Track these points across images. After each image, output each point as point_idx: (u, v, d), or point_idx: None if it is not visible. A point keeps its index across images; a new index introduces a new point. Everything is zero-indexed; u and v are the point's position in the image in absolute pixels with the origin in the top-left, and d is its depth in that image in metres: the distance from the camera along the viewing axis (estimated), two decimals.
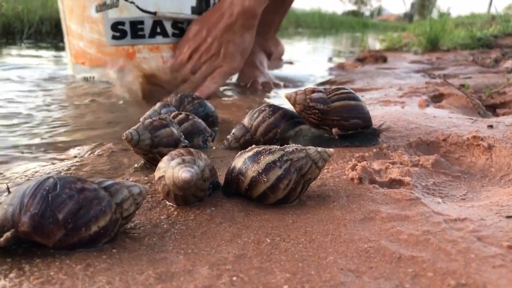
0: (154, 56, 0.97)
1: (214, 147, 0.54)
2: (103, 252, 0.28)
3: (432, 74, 1.06)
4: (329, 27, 7.60)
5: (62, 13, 1.03)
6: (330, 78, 1.26)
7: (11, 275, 0.25)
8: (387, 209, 0.33)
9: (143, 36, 0.96)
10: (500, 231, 0.29)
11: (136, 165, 0.46)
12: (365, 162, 0.43)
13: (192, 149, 0.37)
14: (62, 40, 1.96)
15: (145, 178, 0.42)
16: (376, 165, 0.44)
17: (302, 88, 0.52)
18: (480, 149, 0.49)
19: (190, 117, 0.53)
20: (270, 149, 0.36)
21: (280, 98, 0.91)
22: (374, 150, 0.49)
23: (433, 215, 0.32)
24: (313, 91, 0.51)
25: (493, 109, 0.81)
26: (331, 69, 1.54)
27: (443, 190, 0.41)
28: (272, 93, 0.99)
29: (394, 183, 0.40)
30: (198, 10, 1.01)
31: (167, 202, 0.36)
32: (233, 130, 0.54)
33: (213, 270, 0.26)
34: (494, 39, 2.27)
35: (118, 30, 0.94)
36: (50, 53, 1.59)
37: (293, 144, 0.37)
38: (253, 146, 0.38)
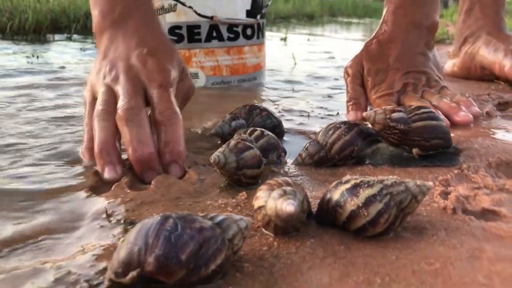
0: (210, 60, 0.98)
1: (287, 162, 0.55)
2: None
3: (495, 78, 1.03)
4: (363, 14, 7.48)
5: None
6: None
7: None
8: (492, 248, 0.33)
9: (199, 40, 0.97)
10: None
11: (221, 185, 0.47)
12: (453, 188, 0.43)
13: (289, 180, 0.37)
14: (90, 37, 2.00)
15: (233, 200, 0.43)
16: (462, 190, 0.43)
17: (382, 108, 0.51)
18: None
19: (265, 133, 0.54)
20: (369, 181, 0.36)
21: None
22: (455, 171, 0.48)
23: None
24: (393, 110, 0.51)
25: None
26: None
27: None
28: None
29: (487, 213, 0.39)
30: (253, 13, 1.01)
31: (264, 230, 0.37)
32: (307, 146, 0.55)
33: None
34: None
35: (175, 34, 0.95)
36: None
37: (393, 178, 0.37)
38: (349, 177, 0.38)
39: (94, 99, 0.54)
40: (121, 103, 0.50)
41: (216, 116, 0.73)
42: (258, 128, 0.55)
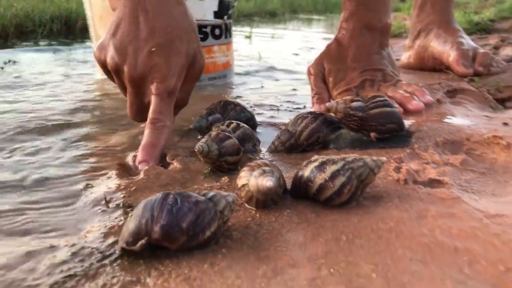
0: None
1: (262, 150, 0.61)
2: (216, 253, 0.35)
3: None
4: (324, 10, 7.62)
5: (91, 20, 1.09)
6: None
7: (153, 273, 0.32)
8: (435, 208, 0.40)
9: None
10: None
11: (205, 172, 0.53)
12: (404, 164, 0.50)
13: (267, 161, 0.44)
14: (72, 38, 2.00)
15: (217, 184, 0.49)
16: (413, 165, 0.50)
17: (342, 99, 0.58)
18: (500, 147, 0.56)
19: (241, 125, 0.60)
20: (333, 159, 0.43)
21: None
22: (408, 150, 0.56)
23: (474, 212, 0.39)
24: (352, 100, 0.58)
25: (502, 102, 0.88)
26: None
27: (473, 186, 0.48)
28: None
29: (434, 182, 0.47)
30: (220, 14, 1.07)
31: (247, 205, 0.43)
32: (279, 135, 0.61)
33: (312, 264, 0.32)
34: (491, 23, 2.33)
35: None
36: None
37: (353, 155, 0.44)
38: (317, 157, 0.44)
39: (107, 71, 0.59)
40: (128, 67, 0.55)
41: (193, 112, 0.78)
42: (234, 121, 0.61)
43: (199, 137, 0.67)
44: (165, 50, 0.56)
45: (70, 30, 2.11)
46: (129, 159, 0.58)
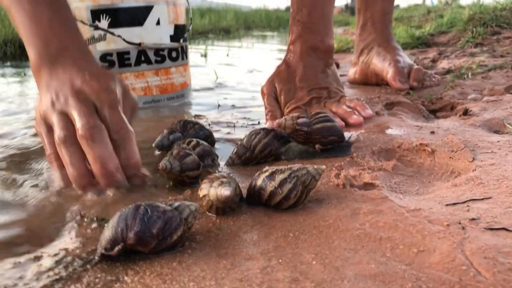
0: (140, 82, 1.09)
1: (220, 165, 0.67)
2: (183, 253, 0.41)
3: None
4: (277, 26, 7.81)
5: None
6: None
7: (130, 273, 0.38)
8: (367, 206, 0.48)
9: (129, 65, 1.07)
10: (442, 215, 0.44)
11: (167, 186, 0.58)
12: (344, 171, 0.58)
13: (224, 174, 0.50)
14: (25, 60, 2.00)
15: (181, 196, 0.55)
16: (351, 172, 0.58)
17: (290, 115, 0.66)
18: (425, 153, 0.65)
19: (200, 143, 0.66)
20: (281, 169, 0.50)
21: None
22: (348, 159, 0.64)
23: (398, 208, 0.47)
24: (299, 117, 0.65)
25: (434, 112, 0.99)
26: None
27: (402, 187, 0.56)
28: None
29: (367, 185, 0.55)
30: (176, 38, 1.13)
31: (208, 213, 0.49)
32: (235, 149, 0.68)
33: (264, 257, 0.39)
34: (431, 37, 2.50)
35: (107, 60, 1.05)
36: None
37: (298, 165, 0.51)
38: (267, 167, 0.51)
39: (49, 129, 0.57)
40: (80, 123, 0.53)
41: (154, 131, 0.83)
42: (193, 139, 0.67)
43: (157, 152, 0.73)
44: (97, 74, 0.59)
45: (24, 53, 2.11)
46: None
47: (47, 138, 0.58)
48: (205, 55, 2.45)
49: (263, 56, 2.59)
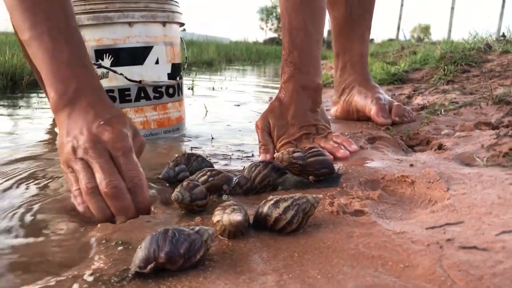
0: (139, 116, 1.16)
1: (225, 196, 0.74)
2: (205, 271, 0.47)
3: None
4: (257, 59, 8.02)
5: None
6: None
7: (162, 286, 0.44)
8: (359, 230, 0.55)
9: (129, 101, 1.14)
10: (423, 237, 0.52)
11: (180, 213, 0.65)
12: (336, 199, 0.66)
13: (235, 202, 0.57)
14: (18, 93, 2.05)
15: (193, 222, 0.61)
16: (343, 200, 0.66)
17: (286, 150, 0.74)
18: (406, 184, 0.73)
19: (210, 179, 0.73)
20: (284, 198, 0.57)
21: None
22: (338, 189, 0.72)
23: (386, 231, 0.54)
24: (294, 151, 0.73)
25: (411, 146, 1.08)
26: None
27: (387, 213, 0.64)
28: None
29: (358, 212, 0.62)
30: (173, 75, 1.21)
31: (221, 237, 0.56)
32: (237, 180, 0.75)
33: (276, 273, 0.46)
34: (406, 73, 2.65)
35: (109, 96, 1.11)
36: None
37: (299, 194, 0.58)
38: (272, 196, 0.59)
39: (72, 170, 0.65)
40: (103, 180, 0.61)
41: (156, 162, 0.90)
42: (215, 169, 0.75)
43: (167, 185, 0.79)
44: (112, 120, 0.66)
45: (15, 85, 2.16)
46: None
47: (72, 177, 0.65)
48: (192, 88, 2.53)
49: (247, 90, 2.70)
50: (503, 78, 1.99)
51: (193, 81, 2.77)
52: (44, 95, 2.01)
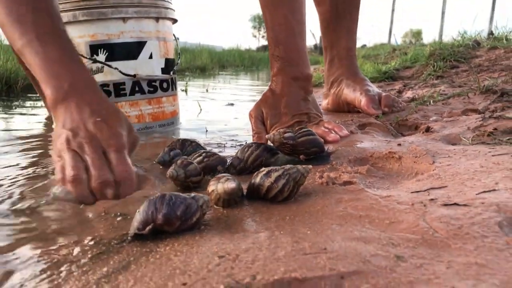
0: (134, 110, 1.18)
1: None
2: (201, 232, 0.50)
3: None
4: (250, 65, 8.06)
5: None
6: None
7: (161, 245, 0.46)
8: (347, 196, 0.58)
9: (124, 95, 1.17)
10: (408, 199, 0.54)
11: (175, 189, 0.67)
12: (326, 173, 0.68)
13: (228, 174, 0.60)
14: (12, 97, 2.07)
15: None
16: (332, 174, 0.68)
17: (277, 131, 0.76)
18: (394, 160, 0.76)
19: (205, 159, 0.75)
20: (276, 168, 0.60)
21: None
22: (328, 166, 0.74)
23: (373, 196, 0.57)
24: (285, 132, 0.76)
25: (400, 132, 1.11)
26: None
27: (375, 185, 0.67)
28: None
29: (347, 183, 0.65)
30: (167, 70, 1.24)
31: (216, 206, 0.58)
32: (230, 161, 0.77)
33: (268, 231, 0.48)
34: (396, 71, 2.69)
35: (104, 90, 1.14)
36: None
37: (289, 165, 0.61)
38: (264, 168, 0.61)
39: (61, 160, 0.64)
40: (95, 175, 0.62)
41: (151, 152, 0.92)
42: (210, 151, 0.77)
43: (161, 167, 0.82)
44: (108, 117, 0.68)
45: (10, 89, 2.18)
46: None
47: (59, 166, 0.64)
48: (185, 90, 2.56)
49: (241, 92, 2.72)
50: (491, 71, 2.03)
51: (186, 83, 2.80)
52: (39, 96, 2.03)
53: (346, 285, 0.36)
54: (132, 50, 1.17)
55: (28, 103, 1.94)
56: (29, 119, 1.53)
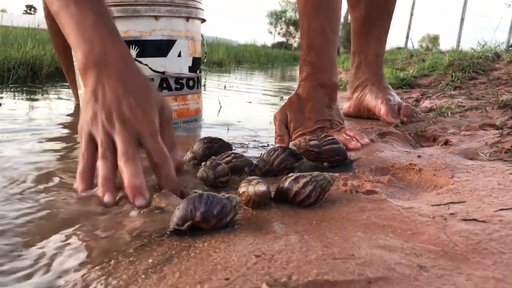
0: None
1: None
2: (234, 231, 0.53)
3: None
4: (266, 62, 8.09)
5: None
6: None
7: (198, 241, 0.50)
8: (371, 205, 0.61)
9: None
10: (429, 211, 0.58)
11: (205, 189, 0.71)
12: (349, 181, 0.71)
13: (257, 177, 0.63)
14: (37, 83, 2.13)
15: None
16: (355, 182, 0.72)
17: (303, 138, 0.80)
18: (414, 171, 0.79)
19: (233, 160, 0.79)
20: (304, 174, 0.63)
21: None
22: (350, 174, 0.78)
23: (395, 206, 0.60)
24: (311, 139, 0.79)
25: (419, 142, 1.14)
26: None
27: (396, 195, 0.70)
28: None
29: (369, 192, 0.68)
30: (193, 69, 1.28)
31: (245, 207, 0.62)
32: (256, 163, 0.81)
33: (297, 234, 0.52)
34: (414, 79, 2.70)
35: None
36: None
37: (317, 172, 0.64)
38: (292, 173, 0.65)
39: (91, 138, 0.64)
40: (121, 150, 0.62)
41: (181, 147, 0.96)
42: (237, 152, 0.81)
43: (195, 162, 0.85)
44: (141, 98, 0.67)
45: (35, 75, 2.23)
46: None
47: (87, 145, 0.65)
48: (204, 85, 2.60)
49: (257, 90, 2.76)
50: (510, 85, 2.04)
51: (205, 78, 2.84)
52: (64, 83, 2.08)
53: None
54: (162, 47, 1.21)
55: (52, 91, 1.99)
56: (52, 105, 1.58)
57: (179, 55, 1.24)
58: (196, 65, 1.30)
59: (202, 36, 1.39)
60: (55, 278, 0.44)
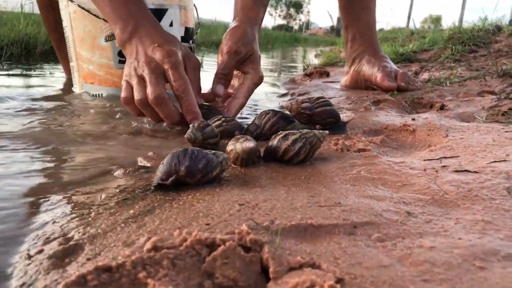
0: None
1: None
2: (221, 185, 0.52)
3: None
4: (266, 43, 8.01)
5: (71, 42, 1.23)
6: (289, 91, 1.54)
7: (183, 194, 0.49)
8: (361, 161, 0.60)
9: None
10: (420, 165, 0.56)
11: None
12: (341, 141, 0.70)
13: (247, 136, 0.62)
14: (32, 62, 2.10)
15: None
16: (347, 142, 0.70)
17: (295, 100, 0.78)
18: (408, 132, 0.78)
19: (224, 124, 0.78)
20: (293, 132, 0.62)
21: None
22: (343, 135, 0.76)
23: (386, 161, 0.59)
24: (303, 102, 0.77)
25: (415, 109, 1.12)
26: (285, 83, 1.83)
27: (388, 153, 0.68)
28: None
29: (361, 150, 0.67)
30: (186, 39, 1.26)
31: (234, 165, 0.61)
32: (247, 126, 0.79)
33: (285, 187, 0.51)
34: (414, 54, 2.67)
35: (123, 55, 1.16)
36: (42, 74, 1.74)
37: (306, 129, 0.63)
38: (281, 131, 0.63)
39: (128, 83, 0.79)
40: (149, 90, 0.74)
41: None
42: (228, 116, 0.80)
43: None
44: (164, 42, 0.78)
45: (29, 54, 2.21)
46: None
47: (125, 87, 0.79)
48: (201, 63, 2.57)
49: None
50: (510, 57, 2.02)
51: (202, 56, 2.81)
52: (56, 64, 2.05)
53: (358, 233, 0.38)
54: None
55: (46, 67, 1.97)
56: (47, 81, 1.56)
57: (171, 25, 1.21)
58: (189, 35, 1.27)
59: (195, 6, 1.36)
60: (33, 230, 0.43)
